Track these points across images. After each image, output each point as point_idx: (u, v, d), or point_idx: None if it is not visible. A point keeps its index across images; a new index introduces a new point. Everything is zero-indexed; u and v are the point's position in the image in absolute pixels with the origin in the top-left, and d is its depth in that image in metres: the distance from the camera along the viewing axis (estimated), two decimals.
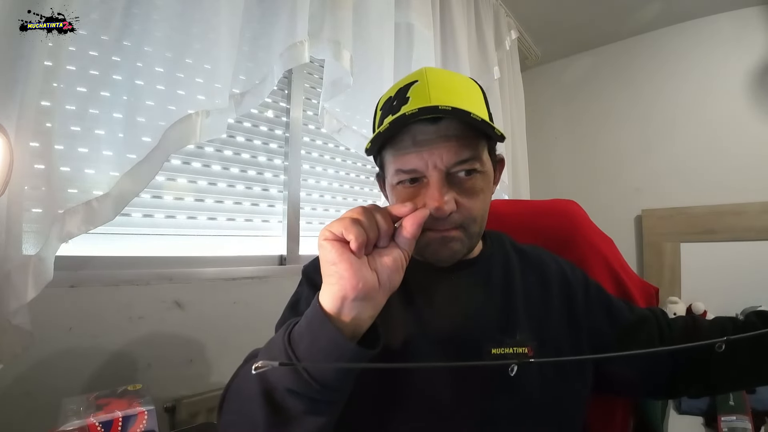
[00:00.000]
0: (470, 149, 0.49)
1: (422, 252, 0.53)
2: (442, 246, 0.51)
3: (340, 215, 0.40)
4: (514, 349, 0.52)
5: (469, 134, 0.48)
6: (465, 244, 0.52)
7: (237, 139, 1.17)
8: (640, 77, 2.20)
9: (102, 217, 0.73)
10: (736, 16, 1.95)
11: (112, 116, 0.80)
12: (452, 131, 0.48)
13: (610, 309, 0.61)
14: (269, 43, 1.00)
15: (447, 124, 0.48)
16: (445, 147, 0.47)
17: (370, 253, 0.40)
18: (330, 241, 0.38)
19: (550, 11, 2.03)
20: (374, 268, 0.39)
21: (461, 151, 0.48)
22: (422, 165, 0.48)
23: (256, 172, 1.22)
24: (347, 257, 0.37)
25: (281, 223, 1.27)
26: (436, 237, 0.51)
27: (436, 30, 1.49)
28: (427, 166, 0.48)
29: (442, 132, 0.48)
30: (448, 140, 0.48)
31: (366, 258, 0.40)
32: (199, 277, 0.98)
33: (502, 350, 0.52)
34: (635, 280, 0.83)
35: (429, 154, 0.48)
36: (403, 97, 0.50)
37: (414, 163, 0.48)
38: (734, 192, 1.86)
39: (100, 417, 0.53)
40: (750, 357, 0.52)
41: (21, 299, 0.62)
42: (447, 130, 0.48)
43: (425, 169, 0.48)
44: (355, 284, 0.37)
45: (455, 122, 0.47)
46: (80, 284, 0.80)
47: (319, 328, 0.37)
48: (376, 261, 0.40)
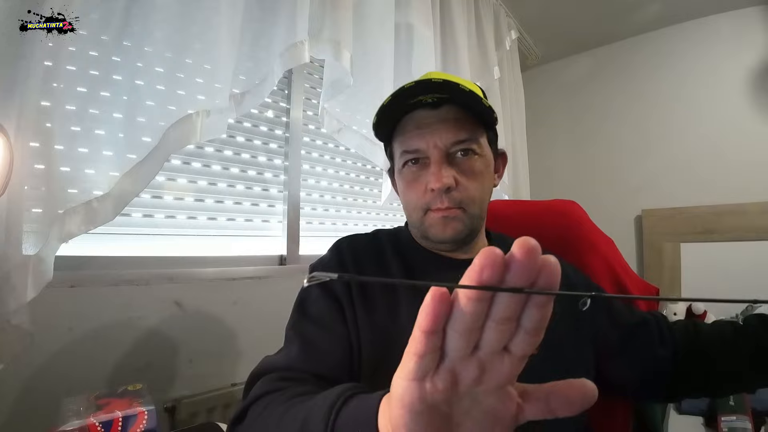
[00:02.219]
0: (467, 131, 0.54)
1: (426, 232, 0.57)
2: (444, 225, 0.55)
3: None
4: None
5: (468, 118, 0.54)
6: (466, 224, 0.55)
7: (237, 139, 1.17)
8: (640, 77, 2.20)
9: (102, 217, 0.73)
10: (736, 16, 1.95)
11: (112, 116, 0.80)
12: (451, 114, 0.53)
13: (611, 311, 0.61)
14: (269, 43, 1.00)
15: (446, 108, 0.53)
16: (444, 128, 0.53)
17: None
18: (411, 381, 0.23)
19: (550, 11, 2.03)
20: (458, 424, 0.24)
21: (459, 132, 0.53)
22: (424, 145, 0.54)
23: (256, 172, 1.22)
24: (424, 412, 0.23)
25: (281, 223, 1.27)
26: (437, 216, 0.55)
27: (436, 30, 1.49)
28: (428, 146, 0.53)
29: (442, 115, 0.53)
30: (447, 122, 0.53)
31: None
32: (199, 277, 0.98)
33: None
34: (635, 280, 0.83)
35: (430, 135, 0.53)
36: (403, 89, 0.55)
37: (416, 143, 0.54)
38: (734, 192, 1.86)
39: (100, 417, 0.53)
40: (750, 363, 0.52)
41: (21, 299, 0.62)
42: (446, 113, 0.53)
43: (427, 149, 0.54)
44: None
45: (454, 107, 0.53)
46: (80, 284, 0.80)
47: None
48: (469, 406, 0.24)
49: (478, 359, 0.22)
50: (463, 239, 0.57)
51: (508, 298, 0.20)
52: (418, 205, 0.56)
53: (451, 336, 0.21)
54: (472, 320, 0.20)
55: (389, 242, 0.63)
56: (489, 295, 0.20)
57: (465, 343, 0.21)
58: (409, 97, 0.51)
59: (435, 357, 0.22)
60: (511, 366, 0.22)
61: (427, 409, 0.23)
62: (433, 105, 0.53)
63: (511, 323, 0.20)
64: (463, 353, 0.21)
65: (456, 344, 0.21)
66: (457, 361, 0.22)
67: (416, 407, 0.23)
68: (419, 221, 0.57)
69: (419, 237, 0.61)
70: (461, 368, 0.22)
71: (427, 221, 0.56)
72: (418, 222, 0.58)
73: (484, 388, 0.23)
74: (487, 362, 0.22)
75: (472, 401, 0.24)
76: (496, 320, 0.20)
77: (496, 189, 1.75)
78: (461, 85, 0.50)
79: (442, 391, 0.22)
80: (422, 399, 0.22)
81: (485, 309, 0.20)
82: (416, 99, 0.52)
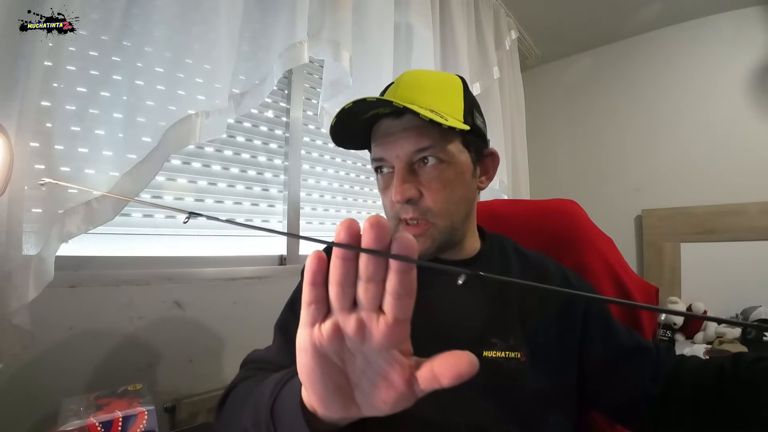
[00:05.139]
0: (430, 138, 0.51)
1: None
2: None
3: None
4: (507, 353, 0.51)
5: (431, 126, 0.50)
6: (435, 239, 0.53)
7: (237, 139, 1.17)
8: (639, 77, 2.20)
9: (102, 217, 0.73)
10: (736, 16, 1.95)
11: (112, 116, 0.80)
12: (413, 123, 0.51)
13: (608, 328, 0.57)
14: (269, 43, 1.00)
15: (409, 118, 0.51)
16: (405, 138, 0.51)
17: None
18: (304, 328, 0.27)
19: (550, 11, 2.03)
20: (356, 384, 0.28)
21: (420, 140, 0.51)
22: (387, 155, 0.53)
23: (256, 172, 1.22)
24: (315, 356, 0.26)
25: (281, 223, 1.27)
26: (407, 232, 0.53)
27: (436, 30, 1.49)
28: (391, 156, 0.53)
29: (404, 125, 0.52)
30: (408, 132, 0.51)
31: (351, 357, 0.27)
32: (199, 277, 0.98)
33: (493, 353, 0.51)
34: (635, 280, 0.83)
35: (393, 145, 0.52)
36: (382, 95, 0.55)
37: (382, 153, 0.54)
38: (734, 192, 1.87)
39: (100, 417, 0.53)
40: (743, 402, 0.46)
41: (22, 299, 0.62)
42: (408, 122, 0.51)
43: (391, 158, 0.53)
44: (321, 405, 0.28)
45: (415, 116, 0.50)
46: (80, 284, 0.80)
47: (294, 423, 0.32)
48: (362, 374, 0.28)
49: (357, 316, 0.25)
50: (435, 253, 0.55)
51: (367, 261, 0.23)
52: (390, 215, 0.55)
53: (330, 290, 0.25)
54: (341, 274, 0.24)
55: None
56: (353, 254, 0.24)
57: (341, 296, 0.24)
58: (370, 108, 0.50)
59: (321, 307, 0.26)
60: (387, 327, 0.24)
61: (320, 356, 0.26)
62: (397, 113, 0.51)
63: (376, 284, 0.24)
64: (342, 305, 0.25)
65: (334, 296, 0.25)
66: (339, 313, 0.25)
67: (309, 351, 0.26)
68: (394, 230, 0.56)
69: None
70: (343, 321, 0.25)
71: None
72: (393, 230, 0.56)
73: (368, 347, 0.25)
74: (366, 319, 0.25)
75: (365, 362, 0.27)
76: (363, 279, 0.24)
77: (496, 189, 1.74)
78: (420, 114, 0.46)
79: (328, 339, 0.25)
80: (313, 344, 0.26)
81: (353, 267, 0.24)
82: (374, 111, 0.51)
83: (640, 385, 0.52)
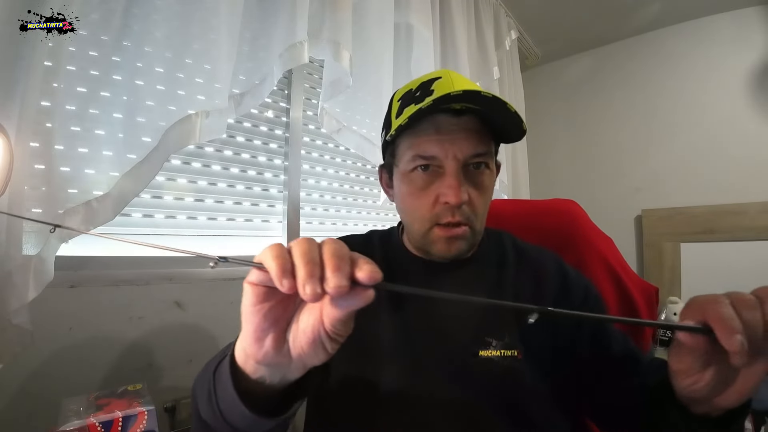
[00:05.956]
0: (486, 145, 0.52)
1: (428, 248, 0.55)
2: (448, 245, 0.53)
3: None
4: (502, 351, 0.51)
5: (487, 131, 0.51)
6: (469, 242, 0.54)
7: (237, 139, 1.17)
8: (640, 77, 2.20)
9: (102, 217, 0.73)
10: (736, 16, 1.95)
11: (112, 116, 0.80)
12: (473, 125, 0.51)
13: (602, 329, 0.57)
14: (269, 43, 1.00)
15: (468, 118, 0.50)
16: (465, 139, 0.50)
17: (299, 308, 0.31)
18: (250, 284, 0.30)
19: (550, 11, 2.03)
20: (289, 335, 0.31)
21: (479, 145, 0.51)
22: (442, 153, 0.51)
23: (256, 172, 1.22)
24: (257, 310, 0.30)
25: (281, 223, 1.27)
26: (443, 235, 0.53)
27: (436, 30, 1.49)
28: (446, 155, 0.50)
29: (463, 125, 0.50)
30: (469, 133, 0.50)
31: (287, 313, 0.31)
32: (198, 277, 0.98)
33: (489, 353, 0.51)
34: (635, 280, 0.83)
35: (450, 144, 0.50)
36: (428, 90, 0.52)
37: (434, 150, 0.51)
38: (734, 192, 1.87)
39: (100, 417, 0.53)
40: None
41: (22, 299, 0.62)
42: (468, 123, 0.50)
43: (444, 158, 0.51)
44: (255, 352, 0.31)
45: (475, 118, 0.50)
46: (80, 284, 0.80)
47: (226, 380, 0.34)
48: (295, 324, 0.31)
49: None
50: (465, 255, 0.56)
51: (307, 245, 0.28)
52: (424, 217, 0.53)
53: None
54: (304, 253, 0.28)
55: (380, 246, 0.62)
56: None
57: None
58: (444, 102, 0.48)
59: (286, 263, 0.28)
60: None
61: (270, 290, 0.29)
62: (456, 112, 0.50)
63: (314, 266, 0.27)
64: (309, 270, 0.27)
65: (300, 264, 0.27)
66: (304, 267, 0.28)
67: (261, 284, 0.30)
68: (421, 234, 0.55)
69: (415, 246, 0.59)
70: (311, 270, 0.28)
71: (432, 237, 0.54)
72: (420, 234, 0.55)
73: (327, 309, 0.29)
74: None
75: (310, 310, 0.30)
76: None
77: (496, 189, 1.75)
78: (508, 105, 0.47)
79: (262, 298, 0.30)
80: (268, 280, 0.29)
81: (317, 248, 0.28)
82: (446, 105, 0.49)
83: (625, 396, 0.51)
